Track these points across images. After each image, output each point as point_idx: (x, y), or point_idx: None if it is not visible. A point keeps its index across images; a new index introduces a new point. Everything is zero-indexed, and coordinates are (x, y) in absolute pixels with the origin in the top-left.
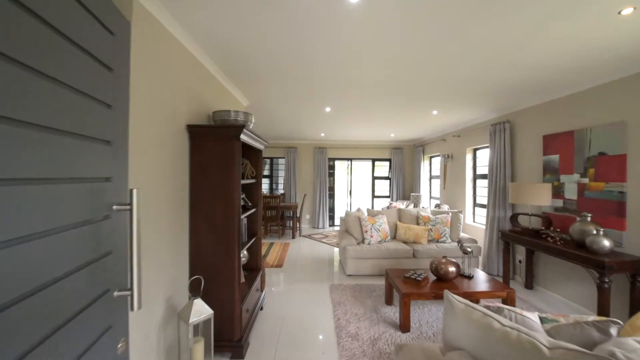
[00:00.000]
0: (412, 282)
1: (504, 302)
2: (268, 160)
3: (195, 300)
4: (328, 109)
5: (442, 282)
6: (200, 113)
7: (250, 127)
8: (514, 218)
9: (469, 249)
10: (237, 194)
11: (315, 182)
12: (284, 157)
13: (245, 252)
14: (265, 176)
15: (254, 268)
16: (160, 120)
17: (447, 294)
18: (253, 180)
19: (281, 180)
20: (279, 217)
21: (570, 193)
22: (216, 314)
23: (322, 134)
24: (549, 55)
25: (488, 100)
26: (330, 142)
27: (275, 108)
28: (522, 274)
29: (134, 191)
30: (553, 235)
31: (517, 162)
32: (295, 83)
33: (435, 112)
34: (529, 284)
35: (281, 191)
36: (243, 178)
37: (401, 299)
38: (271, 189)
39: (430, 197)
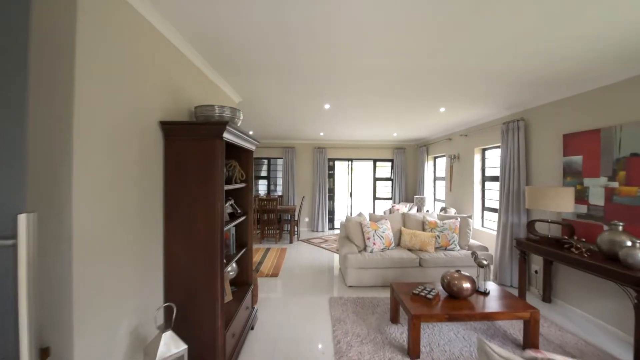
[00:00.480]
0: (422, 301)
1: (526, 323)
2: (265, 161)
3: (164, 334)
4: (327, 106)
5: (455, 299)
6: (181, 109)
7: (238, 124)
8: (530, 225)
9: (485, 262)
10: (220, 202)
11: (314, 184)
12: (281, 158)
13: (234, 264)
14: (263, 177)
15: (244, 282)
16: (123, 113)
17: (483, 344)
18: (243, 185)
19: (279, 182)
20: (276, 220)
21: (596, 198)
22: (195, 342)
23: (322, 133)
24: (574, 44)
25: (501, 95)
26: (329, 141)
27: (271, 105)
28: (539, 285)
29: (22, 218)
30: (579, 245)
31: (533, 163)
32: (291, 77)
33: (442, 109)
34: (546, 297)
35: (279, 193)
36: (231, 182)
37: (410, 321)
38: (269, 190)
39: (435, 200)
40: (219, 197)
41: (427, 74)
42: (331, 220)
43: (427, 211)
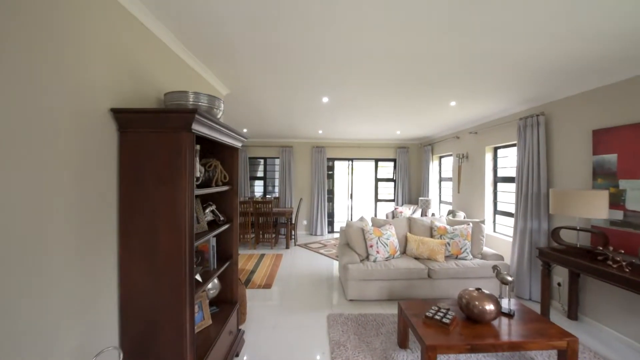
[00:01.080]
0: (437, 326)
1: (562, 353)
2: (262, 161)
3: None
4: (325, 100)
5: (476, 324)
6: (148, 97)
7: (219, 115)
8: (555, 233)
9: (510, 278)
10: (188, 209)
11: (312, 185)
12: (278, 157)
13: (215, 281)
14: (259, 178)
15: (227, 300)
16: (42, 93)
17: None
18: (226, 187)
19: (277, 182)
20: (272, 224)
21: (636, 203)
22: None
23: (320, 131)
24: (620, 19)
25: (522, 86)
26: (329, 140)
27: (263, 99)
28: (563, 299)
29: None
30: (617, 258)
31: (555, 163)
32: (283, 64)
33: (453, 103)
34: (572, 314)
35: (276, 194)
36: (211, 184)
37: (424, 352)
38: (265, 191)
39: (440, 202)
40: (186, 204)
41: (440, 59)
42: (330, 223)
43: (433, 214)
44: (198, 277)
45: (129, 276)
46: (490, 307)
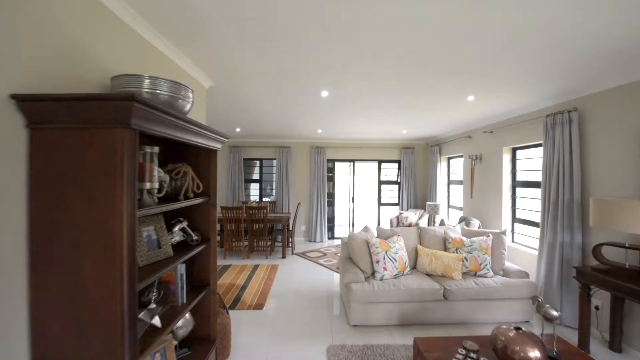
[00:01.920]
0: None
1: None
2: (257, 162)
3: None
4: (325, 93)
5: None
6: (88, 82)
7: (187, 108)
8: (597, 250)
9: (555, 313)
10: (125, 237)
11: (311, 187)
12: (275, 158)
13: (187, 316)
14: (255, 180)
15: (203, 338)
16: None
17: None
18: (199, 200)
19: (274, 185)
20: (268, 231)
21: None
22: None
23: (320, 131)
24: None
25: (555, 76)
26: (329, 140)
27: (255, 92)
28: (602, 326)
29: None
30: None
31: (591, 166)
32: (276, 48)
33: (471, 98)
34: (616, 345)
35: (273, 197)
36: (178, 197)
37: None
38: (261, 195)
39: (449, 206)
40: (124, 228)
41: (467, 38)
42: (330, 229)
43: (442, 221)
44: (156, 320)
45: (43, 330)
46: (535, 354)
